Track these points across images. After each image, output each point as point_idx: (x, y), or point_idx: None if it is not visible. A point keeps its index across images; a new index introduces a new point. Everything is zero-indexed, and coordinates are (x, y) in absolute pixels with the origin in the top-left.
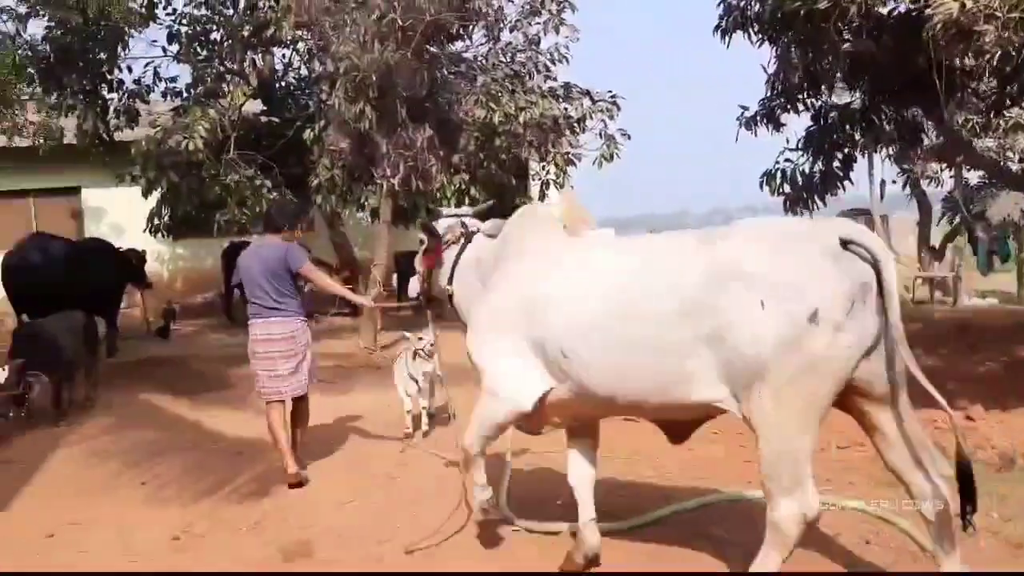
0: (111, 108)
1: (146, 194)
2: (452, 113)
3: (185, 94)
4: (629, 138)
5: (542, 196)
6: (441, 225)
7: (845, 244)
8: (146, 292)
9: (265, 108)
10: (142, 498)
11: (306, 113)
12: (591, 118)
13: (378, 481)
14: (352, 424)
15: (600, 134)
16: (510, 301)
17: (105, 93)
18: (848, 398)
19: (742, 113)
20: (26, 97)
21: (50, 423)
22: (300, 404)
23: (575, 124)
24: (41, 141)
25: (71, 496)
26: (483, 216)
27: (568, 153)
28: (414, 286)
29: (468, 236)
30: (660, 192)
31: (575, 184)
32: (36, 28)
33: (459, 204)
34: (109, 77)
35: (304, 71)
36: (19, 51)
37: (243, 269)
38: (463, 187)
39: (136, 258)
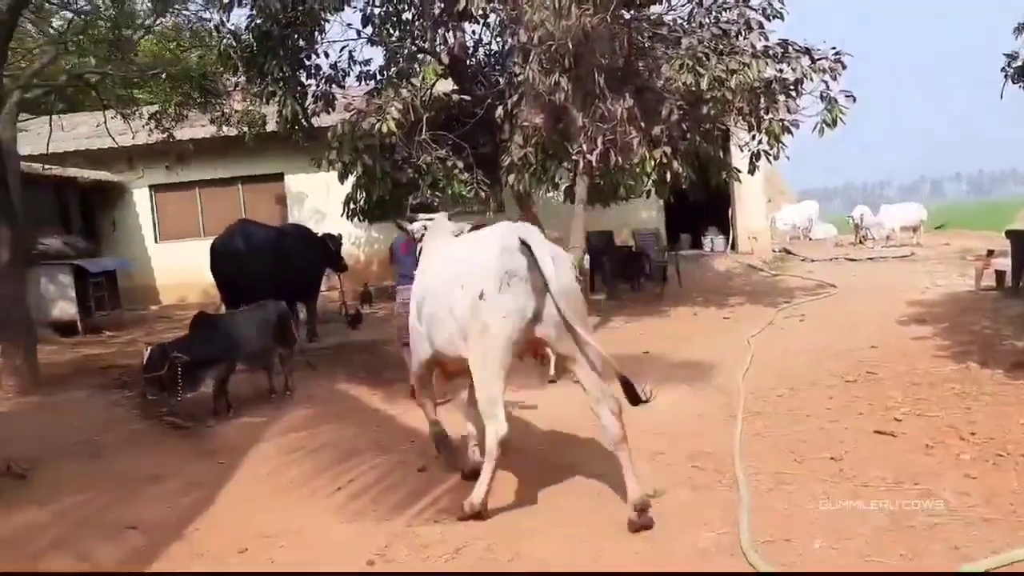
0: (309, 94)
1: (342, 178)
2: (653, 81)
3: (379, 76)
4: (855, 100)
5: (752, 169)
6: (414, 225)
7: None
8: (343, 276)
9: (456, 87)
10: (336, 508)
11: (496, 90)
12: (810, 79)
13: (594, 502)
14: (559, 431)
15: (821, 96)
16: (415, 288)
17: (303, 79)
18: (541, 348)
19: (1008, 63)
20: (231, 88)
21: (250, 412)
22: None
23: (791, 87)
24: (246, 129)
25: (267, 499)
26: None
27: (783, 120)
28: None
29: None
30: (860, 160)
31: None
32: (238, 17)
33: (660, 179)
34: (307, 63)
35: (495, 46)
36: (224, 40)
37: (394, 249)
38: (664, 160)
39: (333, 242)
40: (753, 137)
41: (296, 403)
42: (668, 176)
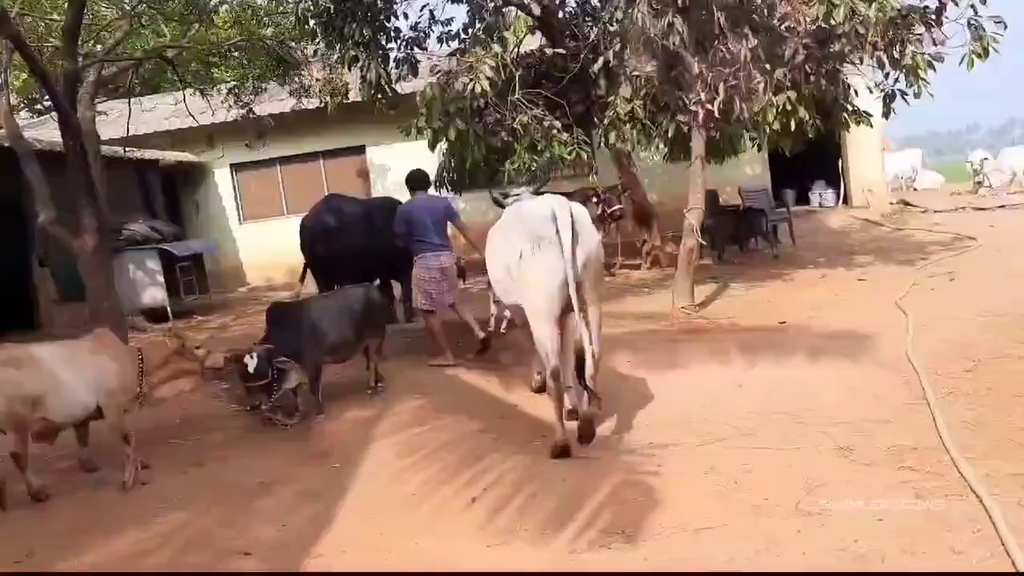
0: (390, 58)
1: (432, 146)
2: (775, 17)
3: (462, 35)
4: (1006, 27)
5: (887, 112)
6: (508, 200)
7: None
8: None
9: (546, 41)
10: (477, 525)
11: (590, 43)
12: (955, 4)
13: (745, 502)
14: (703, 419)
15: (968, 23)
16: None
17: (384, 43)
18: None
19: None
20: (313, 58)
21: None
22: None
23: (932, 16)
24: (328, 99)
25: (394, 514)
26: (539, 194)
27: (926, 53)
28: None
29: None
30: (942, 105)
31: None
32: None
33: (784, 128)
34: (388, 25)
35: None
36: (301, 4)
37: (415, 217)
38: (788, 107)
39: None
40: (887, 75)
41: (406, 393)
42: (792, 125)
